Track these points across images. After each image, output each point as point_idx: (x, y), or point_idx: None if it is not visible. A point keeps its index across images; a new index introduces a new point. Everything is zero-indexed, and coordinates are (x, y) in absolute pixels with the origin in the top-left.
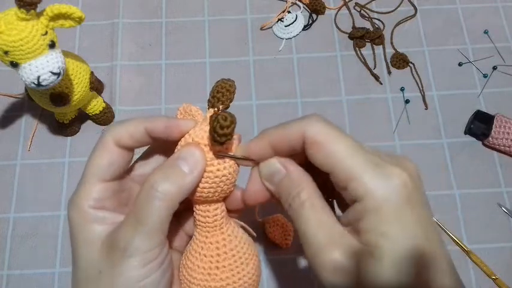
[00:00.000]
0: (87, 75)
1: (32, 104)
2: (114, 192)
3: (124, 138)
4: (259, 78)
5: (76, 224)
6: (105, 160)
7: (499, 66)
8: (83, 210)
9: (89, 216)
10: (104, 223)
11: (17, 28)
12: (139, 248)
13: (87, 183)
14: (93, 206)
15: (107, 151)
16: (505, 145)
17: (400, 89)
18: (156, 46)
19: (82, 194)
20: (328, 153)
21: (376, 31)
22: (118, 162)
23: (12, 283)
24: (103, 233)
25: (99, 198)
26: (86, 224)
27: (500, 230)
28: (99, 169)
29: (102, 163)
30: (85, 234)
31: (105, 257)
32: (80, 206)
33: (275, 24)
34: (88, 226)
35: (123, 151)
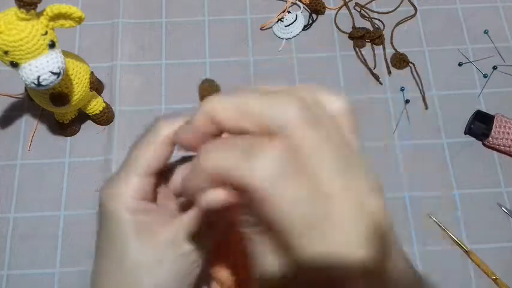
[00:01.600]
0: (87, 75)
1: (32, 104)
2: (154, 184)
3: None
4: (259, 78)
5: (122, 215)
6: (158, 154)
7: (499, 66)
8: (129, 202)
9: (139, 207)
10: (137, 213)
11: (17, 28)
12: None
13: (130, 176)
14: (139, 197)
15: (161, 144)
16: (505, 145)
17: (400, 89)
18: (156, 46)
19: (124, 185)
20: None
21: (376, 31)
22: (167, 157)
23: (12, 283)
24: (136, 224)
25: (143, 190)
26: (136, 214)
27: (500, 230)
28: (148, 162)
29: (154, 156)
30: (137, 226)
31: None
32: (124, 196)
33: (275, 24)
34: (139, 217)
35: (170, 148)
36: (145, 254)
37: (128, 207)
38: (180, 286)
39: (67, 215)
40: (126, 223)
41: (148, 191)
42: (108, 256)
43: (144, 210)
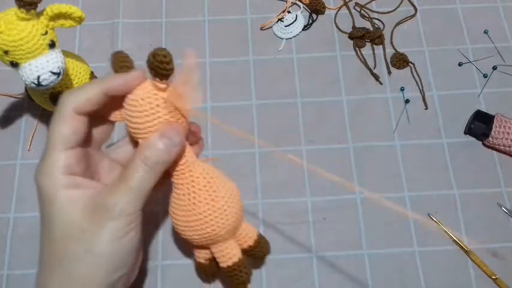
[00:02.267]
0: (87, 75)
1: (32, 104)
2: (79, 158)
3: (83, 105)
4: (259, 78)
5: (49, 190)
6: (68, 128)
7: (499, 66)
8: (55, 177)
9: (63, 181)
10: (79, 188)
11: (17, 28)
12: (126, 211)
13: (54, 152)
14: (64, 172)
15: (69, 119)
16: (505, 145)
17: (400, 89)
18: (156, 46)
19: (50, 162)
20: None
21: (376, 31)
22: (80, 129)
23: (12, 283)
24: (83, 197)
25: (68, 164)
26: (62, 189)
27: (500, 230)
28: (63, 137)
29: (65, 131)
30: (63, 199)
31: (89, 217)
32: (51, 174)
33: (275, 24)
34: (65, 191)
35: (83, 117)
36: (71, 224)
37: (55, 183)
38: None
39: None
40: (54, 196)
41: (74, 162)
42: (42, 233)
43: (72, 184)
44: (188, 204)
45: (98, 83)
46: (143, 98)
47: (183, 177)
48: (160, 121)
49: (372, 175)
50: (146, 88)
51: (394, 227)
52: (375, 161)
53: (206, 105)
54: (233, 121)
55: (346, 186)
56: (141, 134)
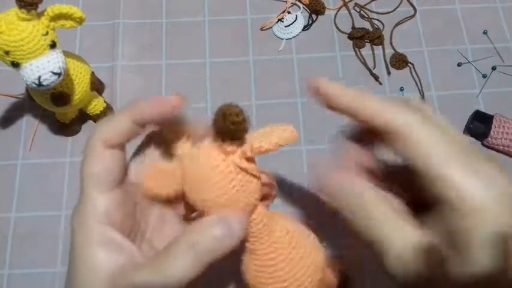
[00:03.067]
0: (87, 76)
1: (32, 104)
2: (120, 201)
3: (113, 137)
4: (259, 78)
5: (80, 240)
6: (100, 166)
7: (498, 67)
8: (89, 227)
9: (96, 235)
10: (113, 249)
11: (17, 28)
12: None
13: (88, 196)
14: (101, 220)
15: (100, 155)
16: (504, 145)
17: (399, 89)
18: (157, 46)
19: (86, 207)
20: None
21: (376, 31)
22: (114, 165)
23: (13, 283)
24: (112, 265)
25: (106, 210)
26: (92, 245)
27: None
28: (96, 178)
29: (96, 170)
30: (90, 258)
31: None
32: (86, 222)
33: (275, 25)
34: (95, 250)
35: (114, 151)
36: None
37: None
38: None
39: (68, 214)
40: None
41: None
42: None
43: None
44: (270, 266)
45: (127, 112)
46: (213, 167)
47: (262, 241)
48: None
49: None
50: (211, 152)
51: None
52: None
53: (206, 105)
54: None
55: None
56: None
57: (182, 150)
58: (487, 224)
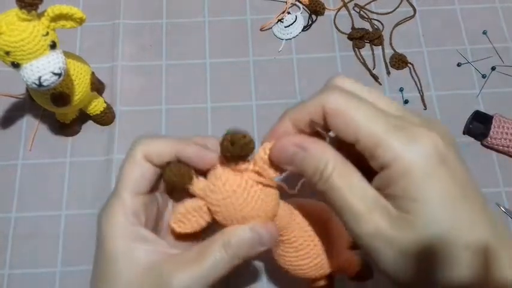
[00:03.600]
0: (88, 76)
1: (33, 104)
2: (147, 204)
3: (153, 155)
4: (259, 78)
5: (112, 237)
6: (137, 173)
7: (497, 67)
8: (121, 224)
9: (128, 232)
10: (144, 243)
11: (18, 29)
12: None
13: (122, 196)
14: (130, 219)
15: (139, 165)
16: (503, 145)
17: (399, 89)
18: (157, 47)
19: (118, 206)
20: (350, 122)
21: (375, 32)
22: (149, 175)
23: (13, 282)
24: (146, 257)
25: (136, 210)
26: (126, 240)
27: None
28: (133, 181)
29: (135, 176)
30: (126, 252)
31: (148, 286)
32: (117, 219)
33: (275, 25)
34: (128, 244)
35: (151, 166)
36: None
37: (119, 230)
38: None
39: (68, 214)
40: (117, 245)
41: (141, 210)
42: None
43: (137, 237)
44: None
45: (174, 142)
46: (235, 190)
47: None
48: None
49: None
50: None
51: None
52: None
53: (206, 105)
54: (233, 121)
55: None
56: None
57: (197, 186)
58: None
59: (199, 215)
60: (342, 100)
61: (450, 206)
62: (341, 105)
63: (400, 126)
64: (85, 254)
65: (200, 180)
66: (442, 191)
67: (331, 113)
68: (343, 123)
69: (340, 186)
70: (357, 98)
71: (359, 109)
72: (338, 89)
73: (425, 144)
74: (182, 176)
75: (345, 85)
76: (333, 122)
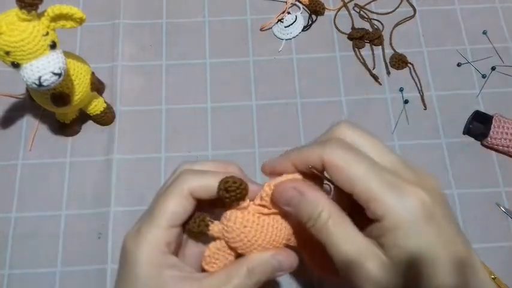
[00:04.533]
0: (88, 76)
1: (33, 104)
2: (177, 236)
3: (199, 191)
4: (259, 78)
5: (145, 264)
6: (181, 208)
7: (497, 67)
8: (155, 253)
9: (160, 259)
10: (174, 270)
11: (18, 29)
12: None
13: (159, 226)
14: (163, 249)
15: (184, 199)
16: (503, 145)
17: (399, 89)
18: (157, 47)
19: (152, 236)
20: (346, 177)
21: (375, 32)
22: (189, 210)
23: (13, 283)
24: (174, 284)
25: (169, 242)
26: (157, 267)
27: (499, 230)
28: (174, 215)
29: (178, 210)
30: (155, 277)
31: None
32: (150, 247)
33: (275, 25)
34: (160, 270)
35: (193, 201)
36: None
37: (156, 260)
38: None
39: (68, 214)
40: (149, 273)
41: (173, 241)
42: None
43: (171, 265)
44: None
45: (219, 175)
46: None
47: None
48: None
49: None
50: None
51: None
52: None
53: (206, 105)
54: (233, 121)
55: None
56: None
57: (214, 230)
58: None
59: (224, 253)
60: (340, 155)
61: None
62: (339, 160)
63: (392, 183)
64: (85, 254)
65: (215, 224)
66: (427, 245)
67: (329, 165)
68: (340, 177)
69: (335, 233)
70: (355, 152)
71: (356, 165)
72: (338, 142)
73: (414, 201)
74: (199, 226)
75: (347, 135)
76: (331, 174)
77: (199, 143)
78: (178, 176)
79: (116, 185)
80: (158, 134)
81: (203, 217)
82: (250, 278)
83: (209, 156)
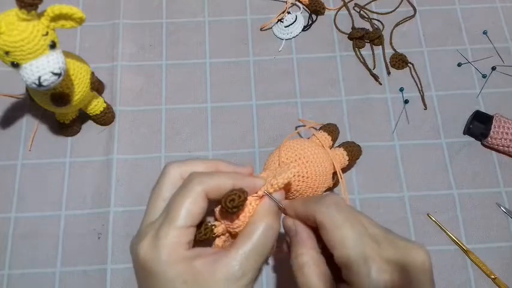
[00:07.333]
0: (87, 76)
1: (33, 104)
2: (193, 235)
3: (213, 191)
4: (259, 78)
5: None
6: (198, 208)
7: (497, 67)
8: (179, 251)
9: (186, 254)
10: (202, 257)
11: (18, 29)
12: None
13: (180, 227)
14: (186, 248)
15: (200, 199)
16: (503, 145)
17: (399, 89)
18: (157, 46)
19: (175, 236)
20: (330, 238)
21: (376, 32)
22: (205, 210)
23: (13, 283)
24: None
25: (189, 241)
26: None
27: (499, 230)
28: (192, 215)
29: (195, 210)
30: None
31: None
32: (174, 247)
33: (275, 25)
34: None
35: (207, 201)
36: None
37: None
38: None
39: (68, 214)
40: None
41: (191, 241)
42: None
43: (197, 255)
44: None
45: (232, 176)
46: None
47: None
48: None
49: (371, 175)
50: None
51: (393, 226)
52: (374, 160)
53: (206, 105)
54: (233, 121)
55: (344, 187)
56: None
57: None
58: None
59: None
60: (330, 217)
61: None
62: (327, 221)
63: (367, 258)
64: (85, 254)
65: (218, 225)
66: None
67: (319, 224)
68: (326, 237)
69: (304, 279)
70: (343, 217)
71: (340, 230)
72: (332, 202)
73: (380, 280)
74: (206, 234)
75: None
76: (320, 231)
77: (199, 143)
78: (191, 177)
79: (115, 185)
80: (158, 134)
81: (205, 224)
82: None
83: (209, 156)
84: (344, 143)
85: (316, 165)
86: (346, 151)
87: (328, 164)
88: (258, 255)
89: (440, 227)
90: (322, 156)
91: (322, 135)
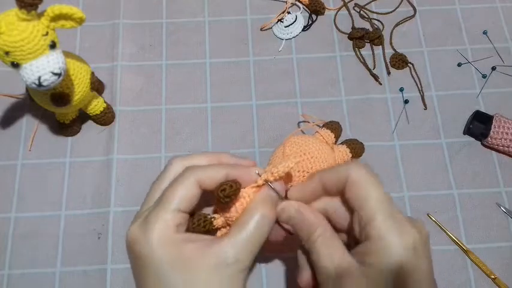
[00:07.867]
0: (87, 76)
1: (33, 104)
2: (185, 222)
3: (206, 181)
4: (259, 78)
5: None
6: (189, 193)
7: (498, 67)
8: (168, 233)
9: (176, 237)
10: (192, 242)
11: (17, 28)
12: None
13: (168, 210)
14: (175, 230)
15: (192, 187)
16: (503, 145)
17: (399, 89)
18: (157, 46)
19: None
20: (364, 194)
21: (376, 32)
22: (197, 198)
23: (13, 283)
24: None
25: (179, 224)
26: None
27: (499, 230)
28: (182, 200)
29: (187, 196)
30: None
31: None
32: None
33: (275, 25)
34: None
35: (200, 190)
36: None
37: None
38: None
39: (68, 214)
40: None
41: (182, 224)
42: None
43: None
44: None
45: (225, 166)
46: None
47: None
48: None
49: None
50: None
51: None
52: (374, 160)
53: (206, 105)
54: (233, 121)
55: None
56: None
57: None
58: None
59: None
60: (365, 175)
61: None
62: (362, 179)
63: (396, 218)
64: (85, 254)
65: (217, 218)
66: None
67: (352, 181)
68: (357, 194)
69: (321, 250)
70: (376, 178)
71: (374, 188)
72: (363, 165)
73: (407, 239)
74: (205, 226)
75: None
76: (349, 190)
77: (199, 143)
78: (185, 169)
79: (115, 185)
80: (158, 134)
81: (204, 216)
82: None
83: None
84: (347, 140)
85: (321, 161)
86: (349, 148)
87: (332, 160)
88: (251, 244)
89: (440, 227)
90: (327, 152)
91: (325, 133)
